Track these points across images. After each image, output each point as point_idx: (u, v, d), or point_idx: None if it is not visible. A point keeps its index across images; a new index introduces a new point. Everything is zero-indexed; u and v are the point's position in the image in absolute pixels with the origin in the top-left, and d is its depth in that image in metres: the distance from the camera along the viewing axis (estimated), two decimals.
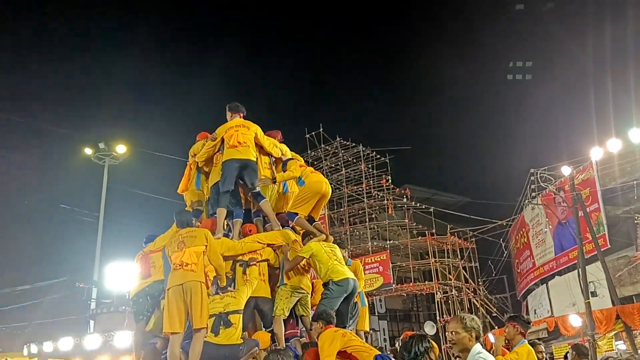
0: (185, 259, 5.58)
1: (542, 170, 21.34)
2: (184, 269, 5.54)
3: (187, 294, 5.47)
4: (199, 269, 5.61)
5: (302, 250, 6.28)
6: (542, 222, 23.25)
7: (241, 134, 6.89)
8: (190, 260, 5.59)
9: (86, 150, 21.22)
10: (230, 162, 6.80)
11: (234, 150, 6.82)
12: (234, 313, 5.81)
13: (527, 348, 5.04)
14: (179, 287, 5.50)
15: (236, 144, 6.81)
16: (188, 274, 5.53)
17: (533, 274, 24.12)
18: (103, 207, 20.57)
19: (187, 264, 5.56)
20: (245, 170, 6.83)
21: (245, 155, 6.84)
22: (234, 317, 5.76)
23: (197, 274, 5.56)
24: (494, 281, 28.65)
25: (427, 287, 26.22)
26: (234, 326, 5.69)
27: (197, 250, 5.71)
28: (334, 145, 28.47)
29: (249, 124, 7.17)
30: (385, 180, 27.95)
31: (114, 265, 19.33)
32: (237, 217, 6.76)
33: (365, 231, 27.12)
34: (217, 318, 5.72)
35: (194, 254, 5.65)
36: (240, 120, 7.19)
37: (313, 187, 6.88)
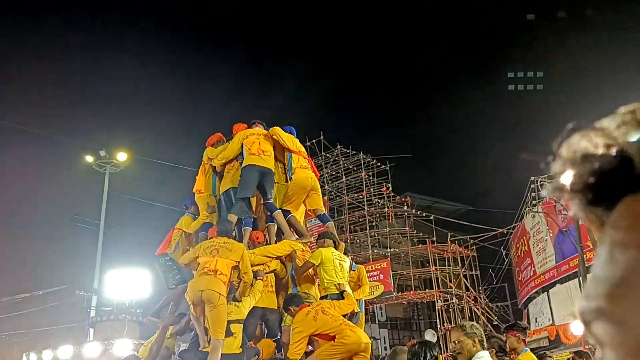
0: (219, 267, 5.62)
1: (542, 179, 21.37)
2: (215, 275, 5.58)
3: (207, 303, 5.53)
4: (226, 281, 5.67)
5: (312, 256, 6.31)
6: (543, 230, 23.24)
7: (262, 142, 6.95)
8: (223, 270, 5.63)
9: (87, 157, 21.26)
10: (251, 168, 6.83)
11: (256, 158, 6.85)
12: (235, 322, 5.85)
13: (530, 356, 5.06)
14: (199, 293, 5.54)
15: (258, 152, 6.86)
16: (213, 282, 5.57)
17: (534, 282, 24.08)
18: (104, 214, 20.60)
19: (220, 273, 5.61)
20: (264, 179, 6.87)
21: (267, 164, 6.91)
22: (234, 327, 5.81)
23: (222, 286, 5.59)
24: (494, 289, 28.60)
25: (427, 295, 26.16)
26: (234, 335, 5.73)
27: (230, 263, 5.76)
28: (334, 152, 28.52)
29: (262, 131, 7.29)
30: (386, 188, 27.95)
31: (114, 272, 19.30)
32: (247, 226, 6.78)
33: (365, 239, 27.09)
34: None
35: (227, 266, 5.71)
36: (262, 130, 7.23)
37: (299, 183, 7.13)
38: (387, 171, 28.25)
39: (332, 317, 5.50)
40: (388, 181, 28.19)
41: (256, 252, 6.49)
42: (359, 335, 5.53)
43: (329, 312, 5.56)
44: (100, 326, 16.88)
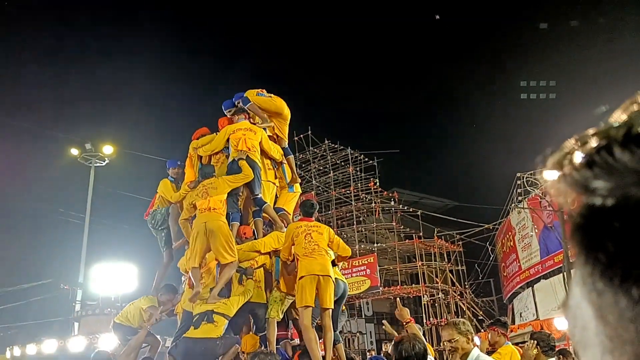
0: (212, 204, 6.38)
1: (528, 175, 21.55)
2: (211, 211, 6.33)
3: (211, 233, 6.19)
4: (223, 213, 6.43)
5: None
6: (528, 226, 23.44)
7: (248, 139, 7.00)
8: (216, 205, 6.40)
9: (72, 151, 21.05)
10: (236, 164, 6.87)
11: (244, 153, 6.92)
12: (220, 315, 5.88)
13: (510, 348, 5.16)
14: (202, 225, 6.26)
15: (244, 148, 6.92)
16: (213, 215, 6.31)
17: (519, 277, 24.30)
18: (89, 208, 20.43)
19: (214, 209, 6.36)
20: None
21: (254, 158, 6.96)
22: (218, 317, 5.90)
23: (220, 217, 6.35)
24: (480, 284, 28.81)
25: (414, 290, 26.30)
26: (215, 324, 5.84)
27: (221, 198, 6.52)
28: (322, 148, 28.50)
29: (255, 128, 7.28)
30: (373, 183, 28.00)
31: (100, 267, 19.17)
32: (234, 221, 6.78)
33: (352, 234, 27.14)
34: (202, 314, 5.93)
35: (219, 201, 6.47)
36: (248, 124, 7.25)
37: (277, 102, 7.77)
38: (375, 166, 28.33)
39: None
40: (375, 176, 28.27)
41: (244, 247, 6.48)
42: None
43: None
44: (85, 320, 16.77)
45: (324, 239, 6.13)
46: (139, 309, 6.88)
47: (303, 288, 5.78)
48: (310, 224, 6.26)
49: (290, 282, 6.31)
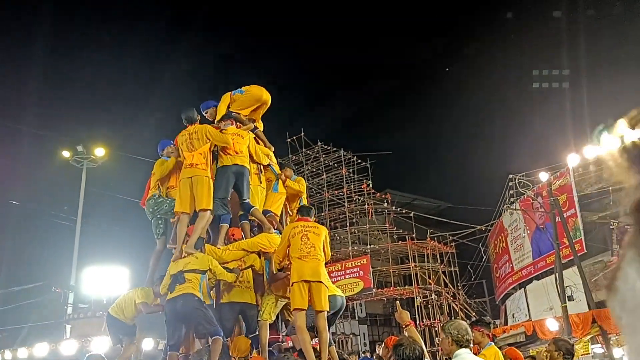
0: (195, 160, 6.79)
1: (520, 176, 21.62)
2: (194, 167, 6.76)
3: (195, 185, 6.67)
4: (206, 166, 6.83)
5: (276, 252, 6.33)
6: (521, 227, 23.52)
7: (237, 143, 7.12)
8: (198, 161, 6.78)
9: (64, 153, 20.91)
10: (227, 169, 6.98)
11: (231, 158, 7.02)
12: (191, 272, 6.03)
13: (494, 350, 5.19)
14: (188, 179, 6.73)
15: (233, 153, 7.03)
16: (196, 171, 6.73)
17: (511, 278, 24.37)
18: (81, 210, 20.29)
19: (196, 165, 6.76)
20: (239, 179, 6.98)
21: (242, 163, 7.07)
22: (189, 275, 6.00)
23: (204, 171, 6.78)
24: (473, 285, 28.88)
25: (407, 291, 26.33)
26: (189, 282, 5.95)
27: (203, 151, 6.85)
28: (315, 149, 28.50)
29: (243, 133, 7.37)
30: (366, 184, 28.02)
31: (92, 269, 19.05)
32: (224, 222, 6.81)
33: (346, 235, 27.16)
34: (174, 277, 6.05)
35: (201, 155, 6.82)
36: (235, 129, 7.34)
37: (253, 94, 7.94)
38: (368, 168, 28.35)
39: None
40: (368, 178, 28.29)
41: (230, 247, 6.49)
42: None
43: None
44: (76, 323, 16.63)
45: (320, 240, 6.14)
46: (133, 301, 6.88)
47: (295, 292, 5.80)
48: (308, 224, 6.26)
49: (283, 284, 6.31)
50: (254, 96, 7.96)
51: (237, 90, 7.94)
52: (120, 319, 6.85)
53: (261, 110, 8.12)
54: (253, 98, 7.96)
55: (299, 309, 5.77)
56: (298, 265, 5.90)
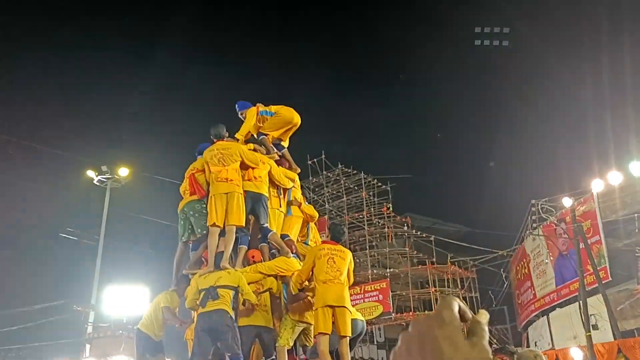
0: (230, 175, 6.86)
1: (543, 202, 21.39)
2: (229, 183, 6.82)
3: (230, 200, 6.74)
4: (239, 183, 6.91)
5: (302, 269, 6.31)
6: (543, 253, 23.18)
7: (257, 169, 7.19)
8: (233, 176, 6.87)
9: (89, 173, 21.26)
10: (245, 194, 7.01)
11: (250, 183, 7.08)
12: (224, 288, 6.02)
13: None
14: (224, 194, 6.79)
15: (250, 178, 7.09)
16: (232, 186, 6.81)
17: (534, 305, 23.95)
18: (103, 230, 20.54)
19: (231, 180, 6.84)
20: (257, 204, 7.03)
21: (259, 190, 7.10)
22: (222, 291, 6.00)
23: (238, 187, 6.86)
24: (494, 312, 28.41)
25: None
26: (222, 299, 5.95)
27: (236, 167, 6.96)
28: (335, 172, 28.53)
29: (265, 159, 7.44)
30: (386, 208, 27.92)
31: (112, 288, 19.19)
32: (242, 244, 6.84)
33: (365, 259, 26.99)
34: (206, 292, 6.03)
35: (234, 171, 6.92)
36: (261, 156, 7.48)
37: (285, 116, 8.01)
38: (388, 191, 28.27)
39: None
40: (389, 201, 28.20)
41: (248, 270, 6.51)
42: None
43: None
44: (96, 342, 16.73)
45: (345, 264, 6.14)
46: (158, 306, 6.95)
47: (319, 317, 5.80)
48: (335, 247, 6.27)
49: (301, 307, 6.30)
50: (285, 118, 8.04)
51: (265, 111, 7.99)
52: (149, 332, 6.87)
53: (290, 131, 8.21)
54: (284, 120, 8.03)
55: (323, 333, 5.76)
56: (323, 289, 5.90)
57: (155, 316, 6.91)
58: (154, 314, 6.92)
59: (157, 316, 6.89)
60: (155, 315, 6.91)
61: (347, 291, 6.11)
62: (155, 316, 6.91)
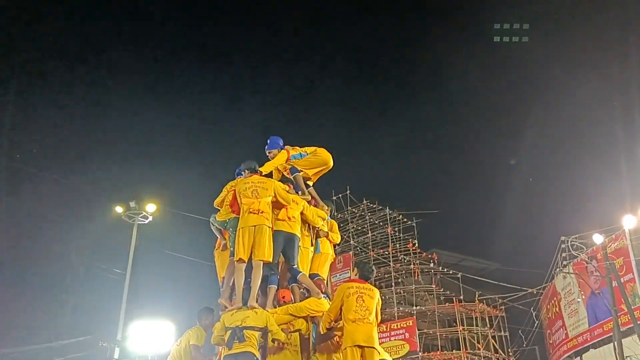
0: (262, 207, 6.81)
1: (573, 238, 20.95)
2: (260, 215, 6.75)
3: (257, 233, 6.65)
4: (269, 217, 6.85)
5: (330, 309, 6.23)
6: (575, 292, 22.59)
7: (291, 209, 7.18)
8: (264, 209, 6.82)
9: (117, 208, 21.57)
10: (278, 233, 7.00)
11: (284, 223, 7.08)
12: (250, 329, 5.95)
13: None
14: (252, 227, 6.70)
15: (284, 218, 7.10)
16: (262, 219, 6.73)
17: (566, 345, 23.23)
18: (130, 265, 20.68)
19: (262, 212, 6.78)
20: (289, 245, 7.02)
21: (293, 230, 7.10)
22: (248, 333, 5.93)
23: (268, 221, 6.79)
24: (525, 352, 27.61)
25: (455, 356, 25.38)
26: (248, 341, 5.89)
27: (268, 201, 6.93)
28: (360, 207, 28.47)
29: (298, 199, 7.47)
30: (412, 244, 27.65)
31: (138, 324, 19.23)
32: (272, 284, 6.82)
33: (391, 295, 26.63)
34: (233, 332, 5.96)
35: (267, 204, 6.89)
36: (294, 196, 7.48)
37: (323, 158, 8.11)
38: (414, 227, 28.01)
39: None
40: (414, 237, 27.91)
41: (279, 311, 6.48)
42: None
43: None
44: None
45: (374, 303, 6.08)
46: (188, 344, 6.92)
47: (347, 357, 5.73)
48: (363, 286, 6.21)
49: (329, 348, 6.23)
50: (323, 160, 8.12)
51: (298, 154, 8.03)
52: None
53: (322, 173, 8.26)
54: (322, 161, 8.12)
55: None
56: (352, 329, 5.83)
57: (185, 354, 6.88)
58: (183, 352, 6.90)
59: (187, 354, 6.87)
60: (186, 353, 6.89)
61: (376, 331, 6.02)
62: (186, 354, 6.88)
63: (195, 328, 7.12)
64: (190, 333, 7.05)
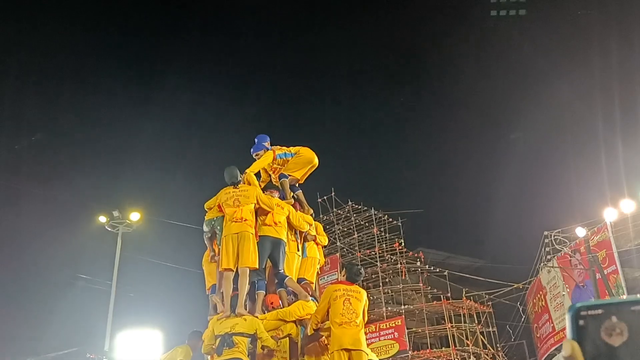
0: (244, 215, 6.85)
1: (556, 233, 21.19)
2: (242, 222, 6.79)
3: (241, 240, 6.68)
4: (252, 224, 6.90)
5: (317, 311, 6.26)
6: (559, 285, 22.82)
7: (277, 214, 7.23)
8: (247, 216, 6.87)
9: (100, 218, 21.37)
10: (265, 239, 7.03)
11: (270, 229, 7.10)
12: (239, 335, 5.99)
13: None
14: (235, 235, 6.74)
15: (271, 223, 7.13)
16: (244, 226, 6.77)
17: (553, 338, 23.44)
18: (116, 275, 20.50)
19: (245, 219, 6.81)
20: (276, 250, 7.05)
21: (279, 235, 7.14)
22: (238, 339, 5.97)
23: (251, 227, 6.84)
24: (513, 346, 27.83)
25: (444, 353, 25.50)
26: (237, 347, 5.93)
27: (251, 208, 6.98)
28: (345, 209, 28.50)
29: (282, 204, 7.51)
30: (398, 243, 27.74)
31: (125, 334, 19.10)
32: (260, 290, 6.85)
33: (379, 296, 26.69)
34: (222, 339, 6.02)
35: (249, 212, 6.94)
36: (278, 201, 7.51)
37: (306, 157, 8.12)
38: (399, 227, 28.13)
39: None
40: (400, 236, 28.02)
41: (268, 317, 6.48)
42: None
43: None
44: None
45: (361, 305, 6.11)
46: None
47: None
48: (351, 288, 6.25)
49: (317, 351, 6.24)
50: (307, 159, 8.14)
51: (283, 154, 8.06)
52: None
53: (309, 172, 8.27)
54: (306, 161, 8.13)
55: None
56: (339, 332, 5.85)
57: None
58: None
59: None
60: None
61: (363, 333, 6.06)
62: None
63: (184, 346, 7.16)
64: (178, 350, 7.08)
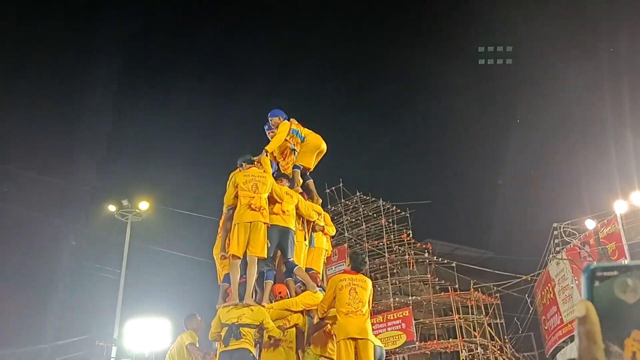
0: (262, 203, 6.75)
1: (565, 225, 21.06)
2: (258, 212, 6.68)
3: (253, 230, 6.59)
4: (267, 213, 6.81)
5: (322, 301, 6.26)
6: (568, 277, 22.72)
7: (285, 202, 7.18)
8: (264, 205, 6.76)
9: (110, 207, 21.47)
10: (273, 227, 7.00)
11: (278, 217, 7.07)
12: (246, 326, 5.98)
13: None
14: (247, 224, 6.62)
15: (279, 212, 7.09)
16: (259, 216, 6.66)
17: (561, 331, 23.38)
18: (125, 263, 20.62)
19: (262, 208, 6.71)
20: (284, 239, 7.03)
21: (287, 224, 7.11)
22: (244, 330, 5.97)
23: (265, 218, 6.74)
24: (520, 338, 27.79)
25: (451, 344, 25.51)
26: (244, 338, 5.92)
27: (266, 197, 6.88)
28: (354, 200, 28.47)
29: (292, 192, 7.48)
30: (406, 234, 27.69)
31: (134, 322, 19.22)
32: (268, 279, 6.84)
33: (387, 287, 26.69)
34: (229, 329, 6.01)
35: (265, 200, 6.83)
36: (287, 189, 7.48)
37: (314, 144, 8.07)
38: (407, 218, 28.07)
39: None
40: (408, 228, 27.96)
41: (274, 306, 6.48)
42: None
43: None
44: None
45: (367, 294, 6.10)
46: (182, 346, 7.01)
47: (341, 350, 5.75)
48: (356, 277, 6.23)
49: (323, 340, 6.25)
50: (314, 146, 8.10)
51: (296, 130, 8.03)
52: None
53: (318, 158, 8.23)
54: (313, 147, 8.09)
55: None
56: (345, 322, 5.85)
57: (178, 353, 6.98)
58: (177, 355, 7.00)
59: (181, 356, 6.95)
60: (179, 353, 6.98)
61: (369, 322, 6.05)
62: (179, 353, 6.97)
63: (187, 332, 7.24)
64: (183, 336, 7.16)
